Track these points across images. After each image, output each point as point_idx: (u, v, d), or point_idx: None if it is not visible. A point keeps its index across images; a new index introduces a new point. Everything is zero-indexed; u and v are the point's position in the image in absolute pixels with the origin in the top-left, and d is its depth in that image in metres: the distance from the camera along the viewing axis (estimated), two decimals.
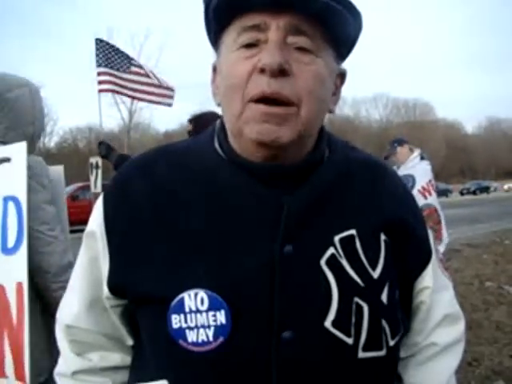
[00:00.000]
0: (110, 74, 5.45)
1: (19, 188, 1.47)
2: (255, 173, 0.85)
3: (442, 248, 3.71)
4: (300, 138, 0.81)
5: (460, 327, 0.98)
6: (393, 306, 0.86)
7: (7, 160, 1.47)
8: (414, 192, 3.56)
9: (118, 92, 5.74)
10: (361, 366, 0.82)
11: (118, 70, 5.52)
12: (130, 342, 0.94)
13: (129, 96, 5.96)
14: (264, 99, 0.78)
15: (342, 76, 0.93)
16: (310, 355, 0.79)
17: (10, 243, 1.47)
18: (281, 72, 0.77)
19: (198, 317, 0.78)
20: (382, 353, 0.84)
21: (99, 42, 5.51)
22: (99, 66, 5.39)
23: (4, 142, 1.60)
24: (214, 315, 0.77)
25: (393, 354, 0.87)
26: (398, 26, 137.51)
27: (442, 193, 43.17)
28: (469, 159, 77.99)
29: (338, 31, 0.82)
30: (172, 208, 0.85)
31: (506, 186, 51.81)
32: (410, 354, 0.96)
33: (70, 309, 0.93)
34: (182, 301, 0.78)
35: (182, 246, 0.82)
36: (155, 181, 0.88)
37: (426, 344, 0.96)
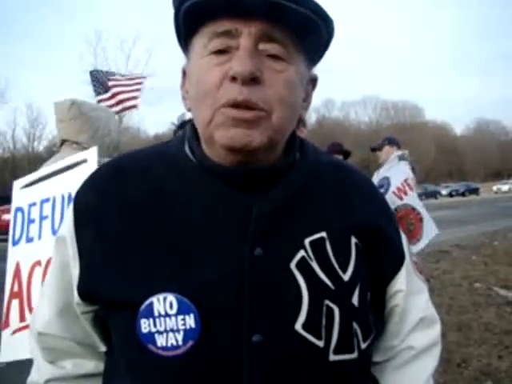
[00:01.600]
0: (110, 98, 5.86)
1: None
2: (225, 176, 0.85)
3: (419, 246, 3.69)
4: (270, 142, 0.81)
5: (436, 330, 0.99)
6: (364, 308, 0.86)
7: (85, 161, 1.88)
8: (389, 194, 3.57)
9: (121, 110, 6.11)
10: (332, 368, 0.81)
11: (98, 94, 5.90)
12: (102, 348, 0.93)
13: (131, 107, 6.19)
14: (235, 106, 0.78)
15: (313, 81, 0.93)
16: (281, 359, 0.79)
17: None
18: (252, 80, 0.77)
19: (167, 321, 0.77)
20: (354, 355, 0.83)
21: (94, 72, 6.06)
22: (98, 94, 5.83)
23: (87, 148, 2.02)
24: (184, 319, 0.77)
25: (365, 356, 0.87)
26: (386, 29, 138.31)
27: (431, 194, 43.46)
28: (458, 161, 78.49)
29: (310, 39, 0.82)
30: (140, 212, 0.84)
31: (494, 188, 52.20)
32: (386, 358, 0.97)
33: (42, 316, 0.92)
34: (151, 305, 0.78)
35: (151, 250, 0.82)
36: (125, 186, 0.87)
37: (402, 348, 0.96)
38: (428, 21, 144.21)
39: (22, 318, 1.86)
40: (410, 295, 0.95)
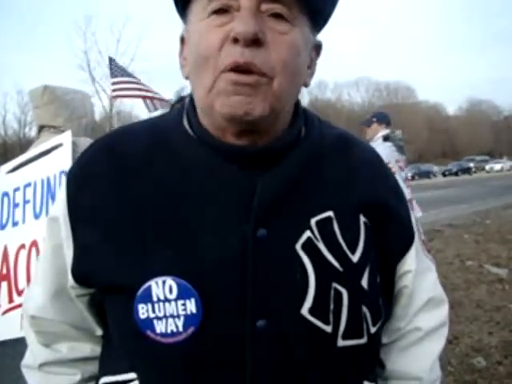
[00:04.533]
0: (123, 82, 6.15)
1: (67, 164, 1.92)
2: (227, 153, 0.80)
3: None
4: (273, 110, 0.76)
5: (444, 310, 0.96)
6: (374, 291, 0.83)
7: (61, 145, 1.98)
8: None
9: (130, 96, 6.36)
10: (341, 354, 0.78)
11: (129, 76, 6.28)
12: (99, 331, 0.90)
13: (140, 96, 6.37)
14: (236, 69, 0.73)
15: (317, 48, 0.88)
16: (287, 345, 0.75)
17: None
18: (255, 42, 0.72)
19: (166, 306, 0.74)
20: (363, 340, 0.80)
21: (112, 60, 6.36)
22: (115, 76, 6.13)
23: (63, 131, 2.15)
24: (184, 304, 0.73)
25: (374, 341, 0.84)
26: (378, 10, 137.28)
27: (424, 174, 43.61)
28: (451, 141, 78.57)
29: (315, 3, 0.78)
30: (136, 192, 0.80)
31: (487, 167, 52.39)
32: (392, 339, 0.94)
33: (35, 299, 0.89)
34: (149, 289, 0.74)
35: (148, 232, 0.77)
36: (119, 164, 0.83)
37: (409, 329, 0.93)
38: (419, 1, 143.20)
39: (11, 300, 1.91)
40: (419, 275, 0.91)
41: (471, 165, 51.54)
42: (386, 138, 4.09)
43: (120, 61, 6.76)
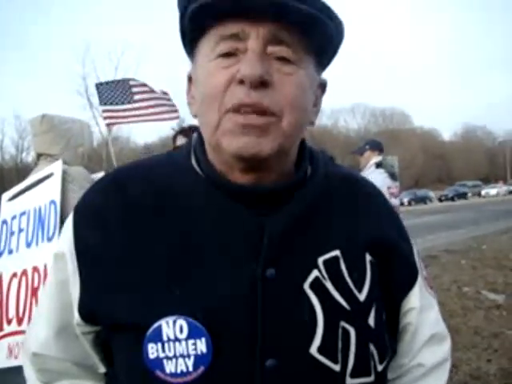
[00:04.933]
0: (114, 110, 6.11)
1: (56, 194, 2.03)
2: (235, 192, 0.81)
3: None
4: (281, 150, 0.78)
5: (446, 346, 0.96)
6: (380, 329, 0.83)
7: (52, 174, 2.05)
8: None
9: (124, 123, 6.40)
10: None
11: (122, 103, 6.13)
12: (102, 369, 0.88)
13: (136, 121, 6.39)
14: (242, 110, 0.75)
15: (322, 86, 0.90)
16: None
17: (51, 232, 1.99)
18: (261, 83, 0.74)
19: (176, 346, 0.73)
20: (371, 379, 0.80)
21: (99, 85, 6.23)
22: (104, 104, 6.07)
23: (58, 159, 2.22)
24: (194, 343, 0.73)
25: (381, 379, 0.84)
26: (373, 36, 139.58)
27: (420, 200, 43.68)
28: (447, 166, 79.04)
29: (319, 41, 0.80)
30: (146, 230, 0.79)
31: (483, 192, 52.54)
32: (396, 375, 0.93)
33: (37, 335, 0.87)
34: (159, 329, 0.73)
35: (158, 271, 0.77)
36: (128, 201, 0.82)
37: (412, 365, 0.93)
38: (414, 29, 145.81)
39: (0, 328, 1.92)
40: (422, 312, 0.92)
41: (467, 190, 51.72)
42: (378, 165, 4.12)
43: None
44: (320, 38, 0.79)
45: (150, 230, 0.80)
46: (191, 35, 0.82)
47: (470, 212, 24.04)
